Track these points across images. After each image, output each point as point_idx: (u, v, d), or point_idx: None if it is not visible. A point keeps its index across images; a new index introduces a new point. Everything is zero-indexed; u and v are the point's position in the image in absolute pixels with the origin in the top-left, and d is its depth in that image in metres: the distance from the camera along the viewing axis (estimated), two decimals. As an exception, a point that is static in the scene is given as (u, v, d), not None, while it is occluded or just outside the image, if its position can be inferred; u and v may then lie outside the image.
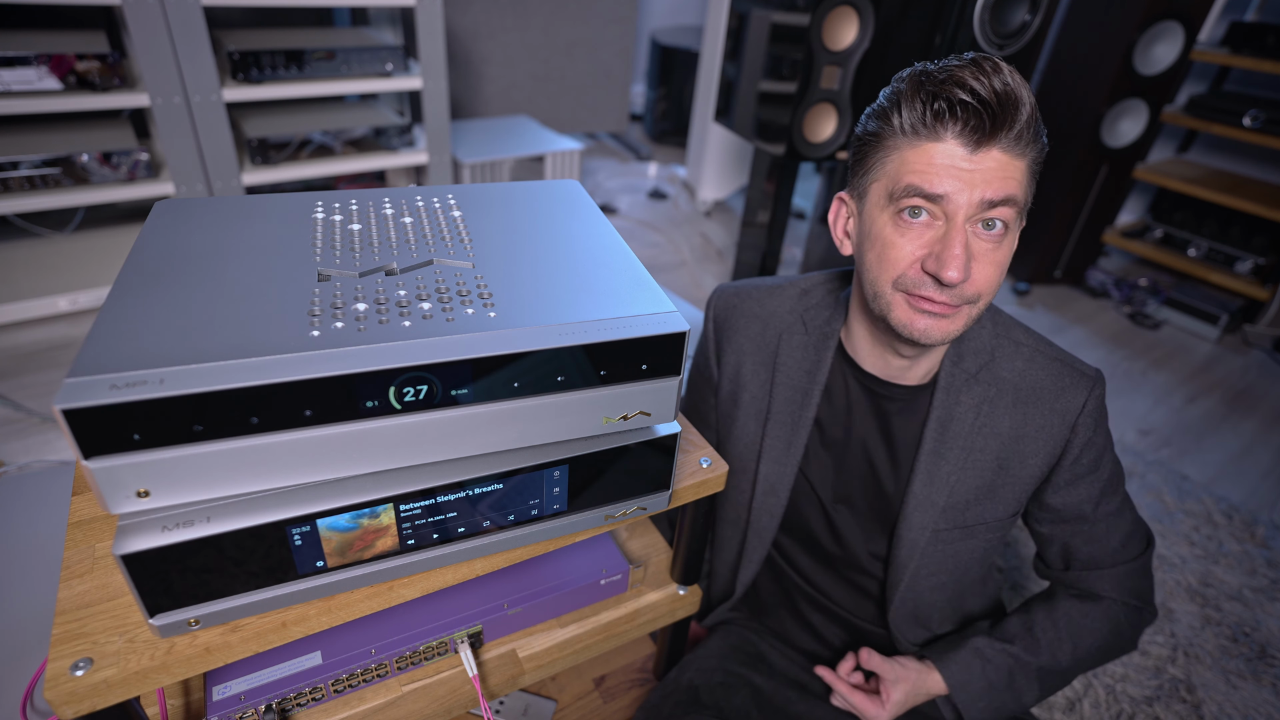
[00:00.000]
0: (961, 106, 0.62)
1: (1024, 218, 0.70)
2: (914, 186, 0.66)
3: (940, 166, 0.64)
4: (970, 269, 0.66)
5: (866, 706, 0.84)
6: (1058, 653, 0.83)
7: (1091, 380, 0.78)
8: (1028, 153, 0.65)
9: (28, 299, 1.79)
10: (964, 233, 0.65)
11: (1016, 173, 0.65)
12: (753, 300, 0.90)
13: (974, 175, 0.64)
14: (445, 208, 0.68)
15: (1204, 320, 2.53)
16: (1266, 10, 2.48)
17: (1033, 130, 0.64)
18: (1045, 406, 0.78)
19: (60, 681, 0.48)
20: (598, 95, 3.46)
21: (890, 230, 0.69)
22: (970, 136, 0.63)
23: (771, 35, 1.70)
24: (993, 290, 0.69)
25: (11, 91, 1.62)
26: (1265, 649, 1.39)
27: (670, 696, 0.87)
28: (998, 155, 0.64)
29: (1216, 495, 1.79)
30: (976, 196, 0.64)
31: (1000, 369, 0.79)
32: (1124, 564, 0.83)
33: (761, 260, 2.05)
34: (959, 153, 0.64)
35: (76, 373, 0.41)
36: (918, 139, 0.66)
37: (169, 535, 0.47)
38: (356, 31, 2.23)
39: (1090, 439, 0.78)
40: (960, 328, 0.70)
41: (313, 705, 0.70)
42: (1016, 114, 0.62)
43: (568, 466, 0.60)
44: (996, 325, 0.81)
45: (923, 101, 0.64)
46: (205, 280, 0.52)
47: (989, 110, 0.62)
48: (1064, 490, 0.81)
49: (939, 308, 0.68)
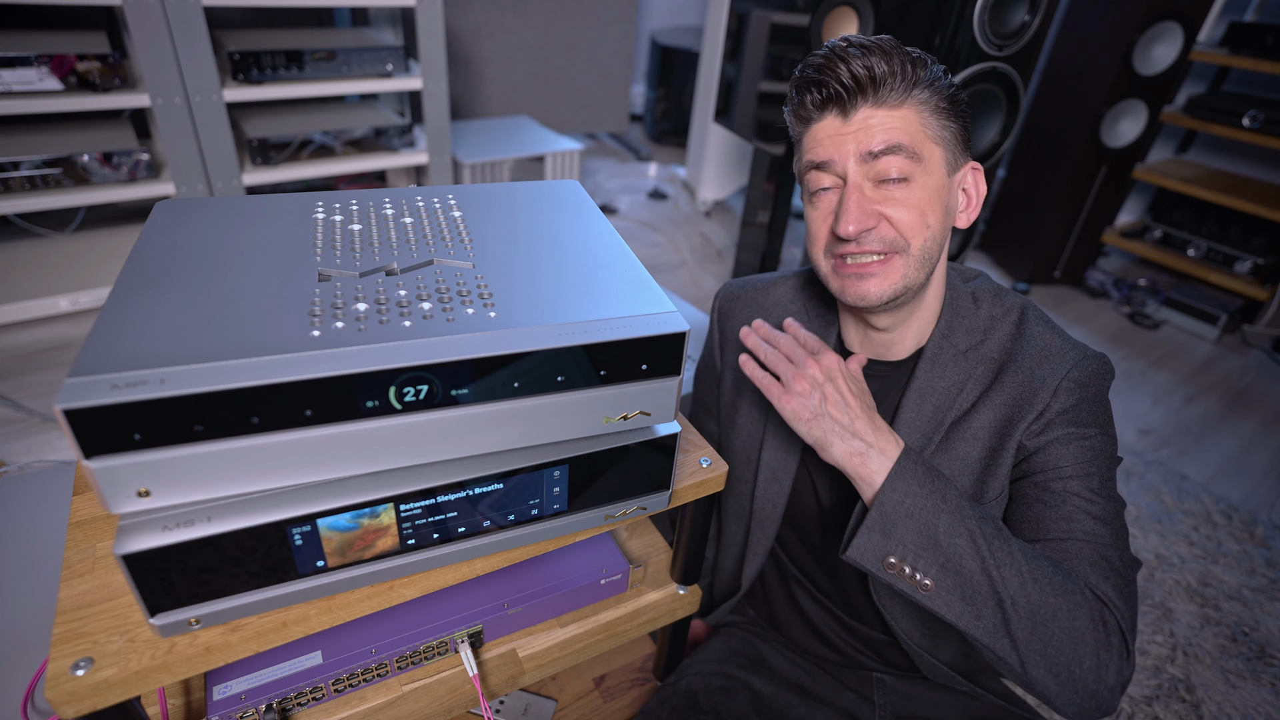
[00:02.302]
0: (829, 90, 0.69)
1: (955, 159, 0.72)
2: (807, 163, 0.73)
3: (823, 138, 0.72)
4: (879, 216, 0.70)
5: (772, 389, 0.71)
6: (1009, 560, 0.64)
7: (1084, 354, 0.73)
8: (906, 100, 0.69)
9: (28, 299, 1.79)
10: (857, 190, 0.70)
11: (898, 121, 0.69)
12: (756, 292, 0.93)
13: (851, 136, 0.70)
14: (445, 208, 0.68)
15: (1203, 320, 2.53)
16: (1265, 11, 2.48)
17: (903, 81, 0.68)
18: (1026, 374, 0.73)
19: (61, 681, 0.48)
20: (598, 95, 3.46)
21: (809, 209, 0.76)
22: (839, 110, 0.70)
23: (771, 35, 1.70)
24: (918, 231, 0.71)
25: (12, 91, 1.62)
26: (1264, 649, 1.39)
27: (668, 701, 0.87)
28: (869, 112, 0.69)
29: (1216, 495, 1.79)
30: (855, 150, 0.69)
31: (990, 349, 0.77)
32: (1100, 546, 0.68)
33: (761, 260, 2.05)
34: (836, 123, 0.71)
35: (77, 373, 0.42)
36: (805, 126, 0.74)
37: (169, 535, 0.47)
38: (357, 32, 2.23)
39: (1071, 407, 0.71)
40: (899, 281, 0.72)
41: (313, 705, 0.70)
42: (876, 82, 0.68)
43: (568, 466, 0.60)
44: (998, 306, 0.79)
45: (801, 95, 0.72)
46: (205, 280, 0.52)
47: (849, 86, 0.69)
48: (1034, 439, 0.71)
49: (858, 267, 0.72)
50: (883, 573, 0.65)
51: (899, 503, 0.65)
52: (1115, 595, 0.65)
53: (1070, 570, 0.66)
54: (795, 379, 0.70)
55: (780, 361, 0.71)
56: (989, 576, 0.63)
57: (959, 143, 0.73)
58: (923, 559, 0.64)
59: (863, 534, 0.65)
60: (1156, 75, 2.42)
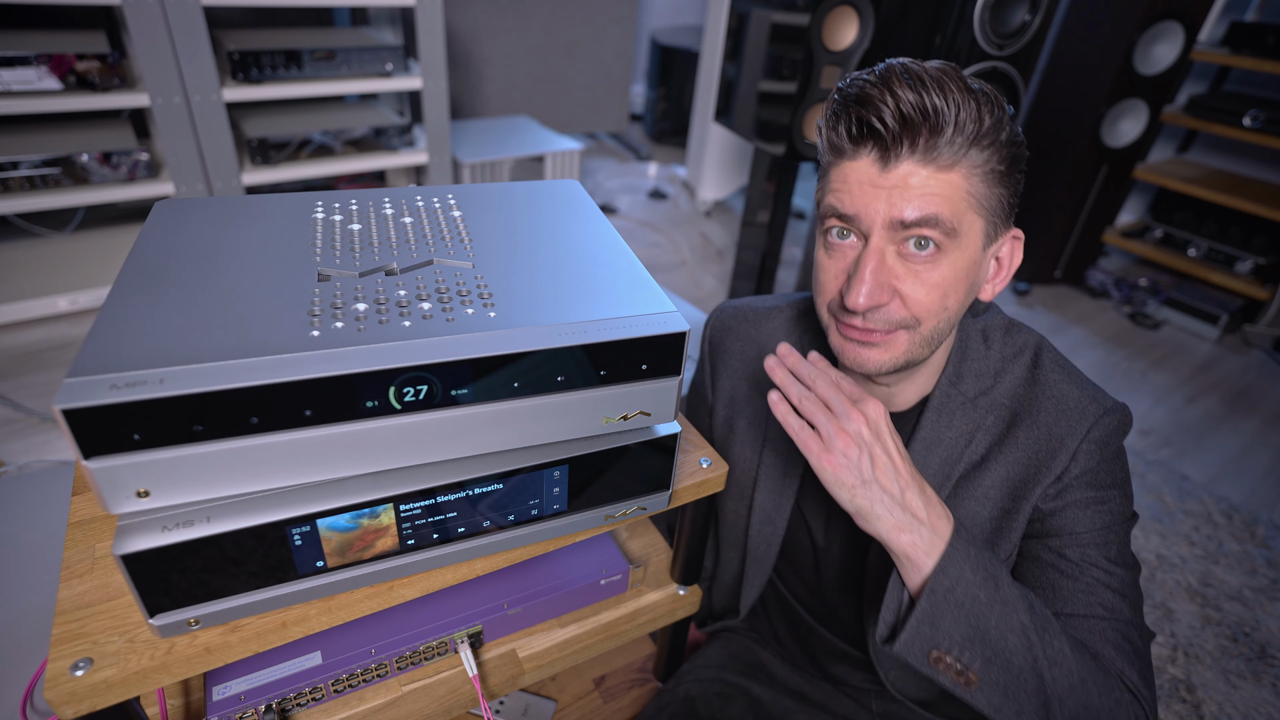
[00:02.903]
0: (868, 125, 0.59)
1: (995, 228, 0.64)
2: (831, 207, 0.64)
3: (853, 185, 0.62)
4: (892, 292, 0.62)
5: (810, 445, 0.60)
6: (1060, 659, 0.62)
7: (1104, 407, 0.68)
8: (960, 161, 0.59)
9: (28, 299, 1.79)
10: (878, 255, 0.61)
11: (942, 187, 0.59)
12: (748, 323, 0.87)
13: (885, 194, 0.60)
14: (445, 208, 0.68)
15: (1204, 320, 2.53)
16: (1266, 10, 2.48)
17: (962, 136, 0.58)
18: (1043, 430, 0.68)
19: (60, 681, 0.48)
20: (598, 95, 3.46)
21: (821, 253, 0.67)
22: (880, 153, 0.60)
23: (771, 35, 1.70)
24: (933, 314, 0.63)
25: (11, 91, 1.62)
26: (1265, 649, 1.39)
27: (666, 708, 0.86)
28: (912, 168, 0.59)
29: (1216, 495, 1.79)
30: (886, 216, 0.60)
31: (1001, 394, 0.71)
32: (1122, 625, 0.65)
33: (761, 260, 2.05)
34: (872, 170, 0.61)
35: (76, 373, 0.41)
36: (839, 158, 0.63)
37: (169, 535, 0.47)
38: (356, 31, 2.23)
39: (1090, 469, 0.67)
40: (899, 356, 0.65)
41: (313, 705, 0.70)
42: (931, 129, 0.58)
43: (568, 466, 0.60)
44: (1009, 346, 0.73)
45: (835, 121, 0.62)
46: (205, 280, 0.52)
47: (893, 128, 0.58)
48: (1050, 501, 0.68)
49: (860, 334, 0.65)
50: (925, 667, 0.59)
51: (950, 590, 0.58)
52: (1141, 683, 0.63)
53: (1099, 657, 0.64)
54: (838, 434, 0.59)
55: (817, 409, 0.60)
56: (1039, 676, 0.59)
57: (1005, 210, 0.64)
58: (969, 652, 0.58)
59: (910, 628, 0.58)
60: (1157, 75, 2.41)
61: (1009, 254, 0.68)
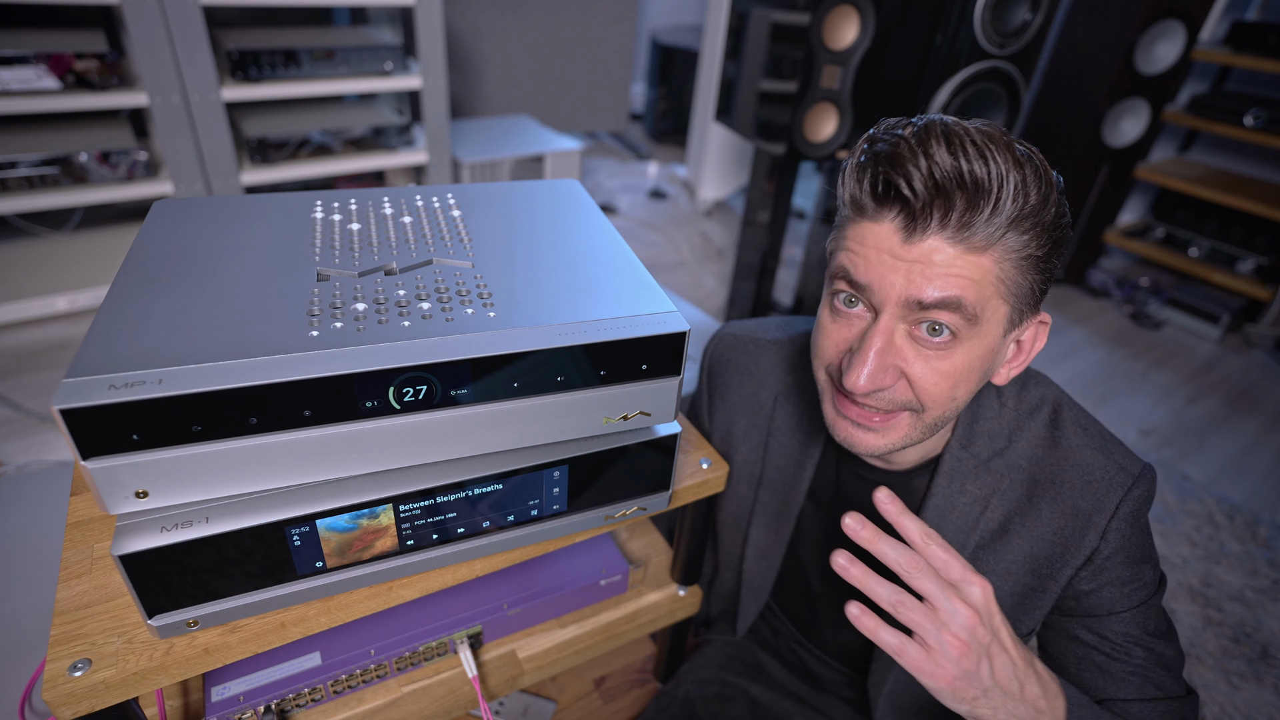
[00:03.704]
0: (895, 188, 0.52)
1: (1020, 315, 0.57)
2: (843, 269, 0.58)
3: (871, 250, 0.55)
4: (898, 374, 0.57)
5: (907, 653, 0.50)
6: None
7: (1133, 476, 0.63)
8: (995, 245, 0.52)
9: (26, 299, 1.79)
10: (885, 336, 0.55)
11: (969, 269, 0.52)
12: (748, 356, 0.82)
13: (905, 267, 0.53)
14: (445, 207, 0.68)
15: (1205, 320, 2.53)
16: (1268, 9, 2.47)
17: (1000, 217, 0.51)
18: (1069, 504, 0.64)
19: (59, 682, 0.48)
20: (597, 95, 3.46)
21: (825, 313, 0.61)
22: (905, 221, 0.53)
23: (772, 34, 1.70)
24: (940, 403, 0.58)
25: (10, 91, 1.61)
26: (1267, 650, 1.39)
27: (666, 710, 0.86)
28: (939, 245, 0.52)
29: (1218, 495, 1.79)
30: (903, 293, 0.54)
31: (1018, 456, 0.66)
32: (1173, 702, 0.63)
33: (761, 260, 2.05)
34: (894, 239, 0.54)
35: (75, 373, 0.41)
36: (861, 217, 0.56)
37: (168, 536, 0.47)
38: (356, 31, 2.23)
39: (1123, 546, 0.63)
40: (897, 441, 0.60)
41: (312, 706, 0.69)
42: (967, 203, 0.51)
43: (568, 467, 0.59)
44: (1025, 402, 0.68)
45: (860, 174, 0.55)
46: (204, 280, 0.52)
47: (923, 196, 0.51)
48: (1086, 583, 0.65)
49: (857, 415, 0.60)
50: None
51: None
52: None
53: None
54: (950, 643, 0.49)
55: (918, 614, 0.49)
56: None
57: (1036, 296, 0.57)
58: None
59: None
60: (1158, 74, 2.41)
61: (1031, 338, 0.61)
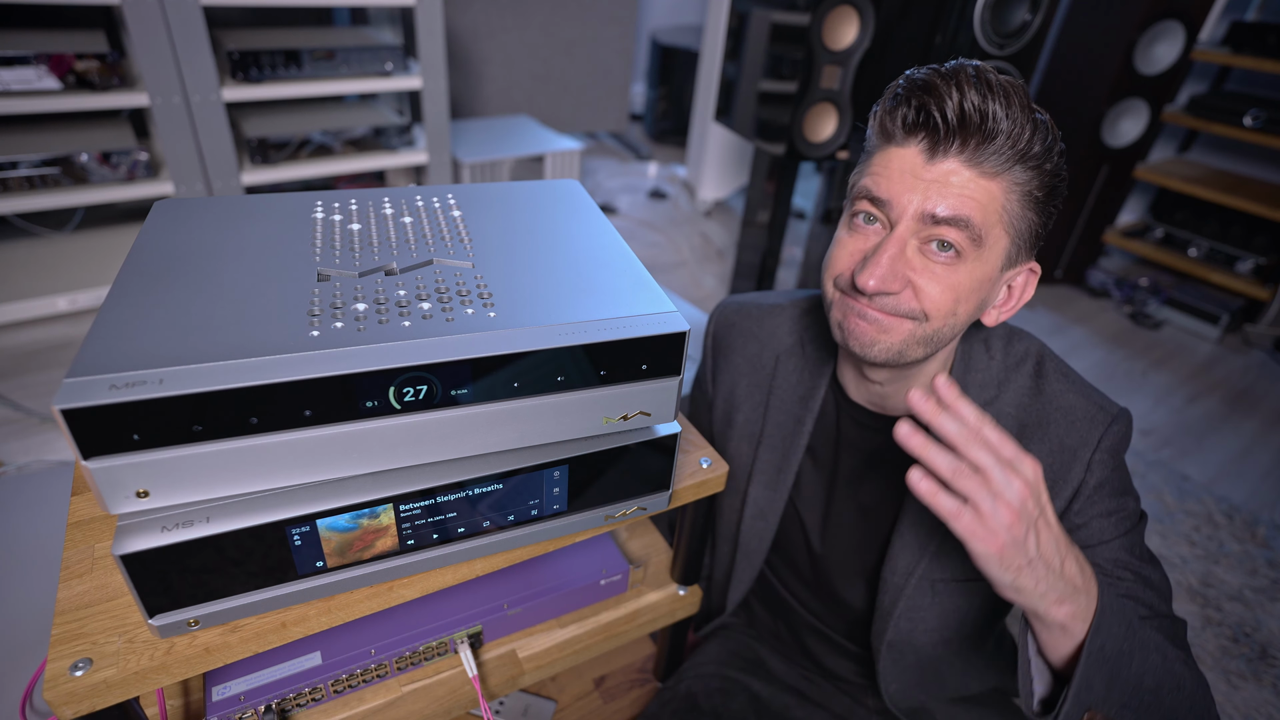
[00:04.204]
0: (926, 114, 0.59)
1: (1018, 253, 0.64)
2: (865, 188, 0.64)
3: (894, 171, 0.62)
4: (905, 282, 0.62)
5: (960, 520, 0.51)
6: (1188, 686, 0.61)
7: (1111, 415, 0.69)
8: (1004, 173, 0.60)
9: (27, 299, 1.79)
10: (900, 244, 0.62)
11: (979, 192, 0.60)
12: (752, 319, 0.87)
13: (923, 185, 0.60)
14: (445, 207, 0.68)
15: (1205, 320, 2.53)
16: (1267, 10, 2.47)
17: (1013, 149, 0.59)
18: (1055, 442, 0.69)
19: (60, 682, 0.48)
20: (598, 95, 3.46)
21: (843, 230, 0.68)
22: (929, 145, 0.60)
23: (772, 35, 1.70)
24: (942, 314, 0.63)
25: (10, 91, 1.61)
26: (1266, 649, 1.39)
27: (668, 705, 0.87)
28: (956, 167, 0.60)
29: (1217, 495, 1.79)
30: (918, 207, 0.61)
31: (1006, 404, 0.72)
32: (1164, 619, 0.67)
33: (761, 260, 2.05)
34: (917, 160, 0.61)
35: (76, 373, 0.41)
36: (887, 143, 0.64)
37: (168, 535, 0.47)
38: (356, 31, 2.23)
39: (1107, 479, 0.68)
40: (896, 344, 0.65)
41: (312, 706, 0.69)
42: (982, 134, 0.58)
43: (568, 467, 0.60)
44: (1011, 355, 0.73)
45: (894, 106, 0.62)
46: (205, 280, 0.52)
47: (951, 122, 0.59)
48: (1076, 516, 0.69)
49: (865, 307, 0.65)
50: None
51: (1101, 648, 0.55)
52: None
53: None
54: (1002, 509, 0.51)
55: (972, 482, 0.51)
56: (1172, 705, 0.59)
57: (1032, 238, 0.64)
58: (1116, 702, 0.57)
59: (1072, 699, 0.55)
60: (1158, 74, 2.41)
61: (1021, 285, 0.68)
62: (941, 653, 0.79)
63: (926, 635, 0.77)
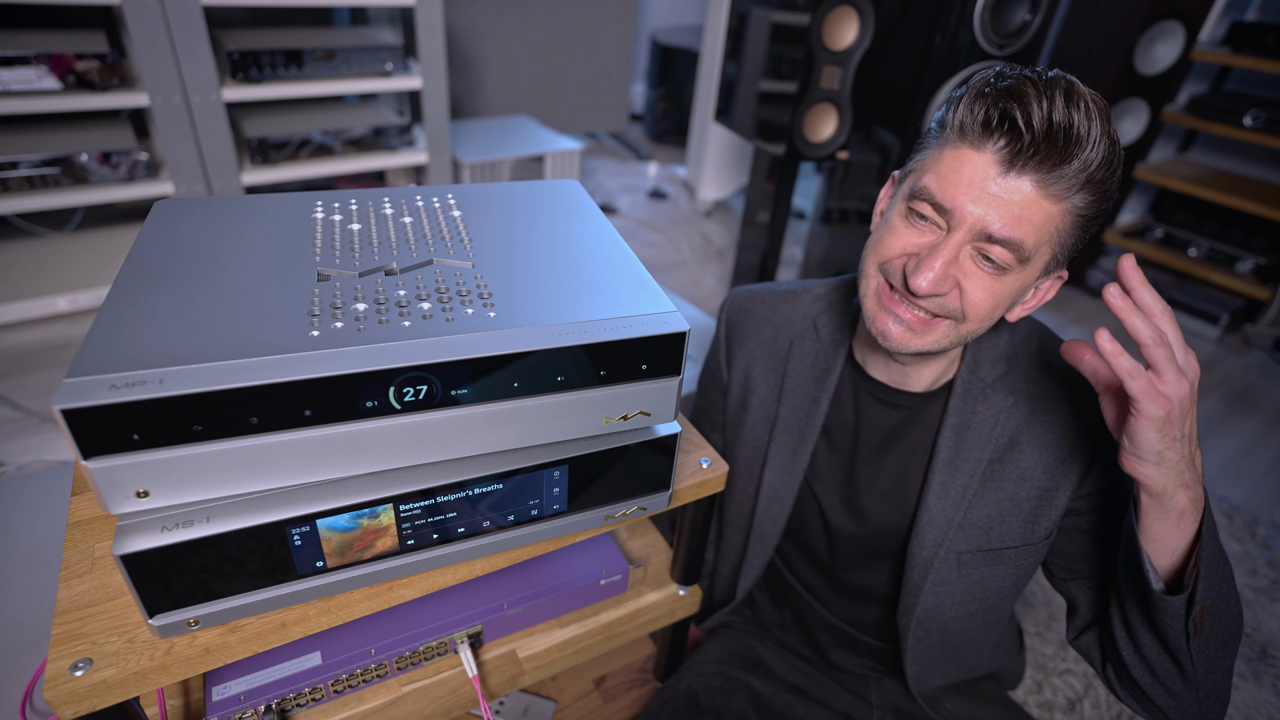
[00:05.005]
0: (1011, 120, 0.58)
1: (1055, 264, 0.66)
2: (929, 191, 0.63)
3: (963, 179, 0.61)
4: (954, 283, 0.64)
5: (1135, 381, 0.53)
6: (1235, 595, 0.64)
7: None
8: (1069, 197, 0.60)
9: (27, 299, 1.79)
10: (955, 250, 0.63)
11: (1039, 214, 0.60)
12: (766, 305, 0.89)
13: (987, 198, 0.60)
14: (445, 207, 0.68)
15: (1204, 320, 2.53)
16: (1267, 10, 2.47)
17: (1083, 173, 0.58)
18: (1067, 410, 0.73)
19: (60, 682, 0.48)
20: (598, 95, 3.46)
21: (899, 218, 0.68)
22: (1008, 154, 0.59)
23: (771, 35, 1.70)
24: (980, 317, 0.66)
25: (11, 91, 1.61)
26: (1266, 649, 1.39)
27: (669, 703, 0.87)
28: (1027, 188, 0.60)
29: (1217, 495, 1.79)
30: (978, 220, 0.61)
31: (1017, 379, 0.75)
32: None
33: (761, 260, 2.05)
34: (991, 170, 0.60)
35: (76, 373, 0.41)
36: (961, 143, 0.62)
37: (168, 535, 0.47)
38: (356, 31, 2.23)
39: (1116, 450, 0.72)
40: (928, 343, 0.68)
41: (312, 706, 0.70)
42: (1061, 153, 0.57)
43: (568, 467, 0.60)
44: (1016, 335, 0.77)
45: (974, 102, 0.61)
46: (205, 280, 0.52)
47: (1037, 133, 0.57)
48: (1102, 479, 0.72)
49: (906, 313, 0.67)
50: (1188, 624, 0.59)
51: (1213, 534, 0.59)
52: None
53: None
54: (1181, 381, 0.53)
55: (1161, 344, 0.53)
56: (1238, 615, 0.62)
57: (1070, 252, 0.66)
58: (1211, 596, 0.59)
59: (1203, 577, 0.57)
60: (1158, 74, 2.41)
61: (1047, 288, 0.70)
62: (964, 627, 0.81)
63: (952, 609, 0.79)
